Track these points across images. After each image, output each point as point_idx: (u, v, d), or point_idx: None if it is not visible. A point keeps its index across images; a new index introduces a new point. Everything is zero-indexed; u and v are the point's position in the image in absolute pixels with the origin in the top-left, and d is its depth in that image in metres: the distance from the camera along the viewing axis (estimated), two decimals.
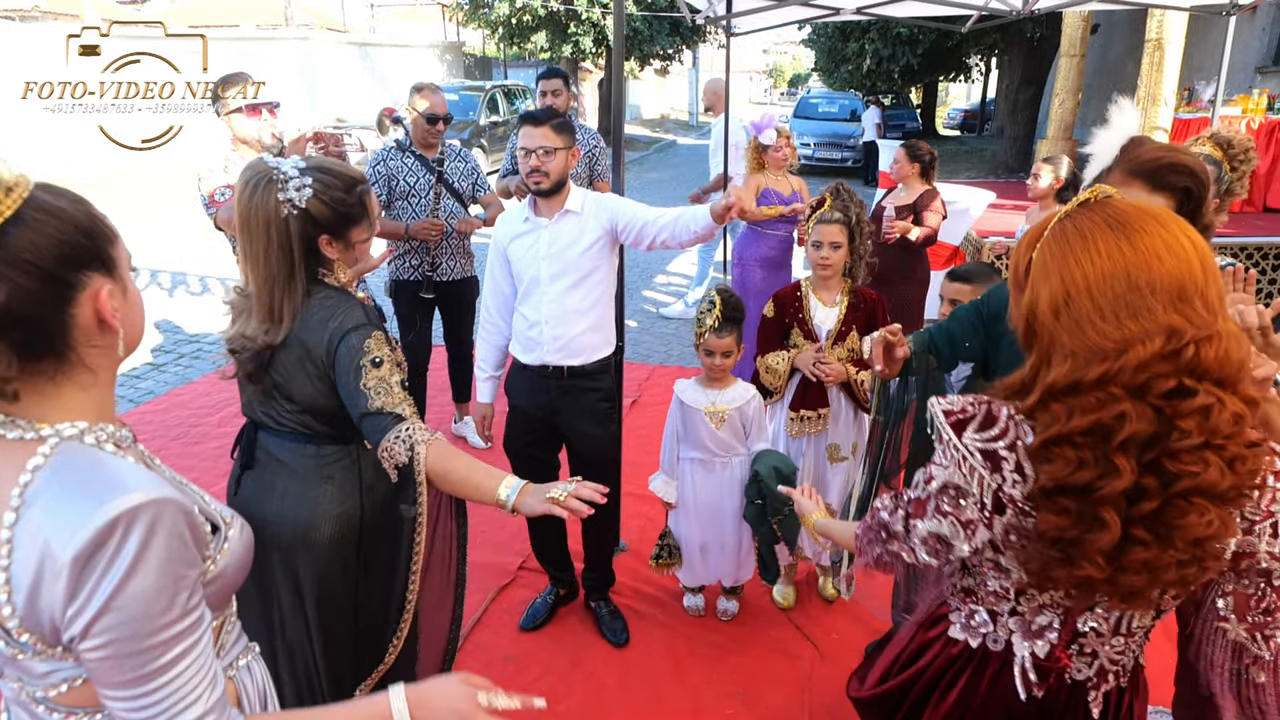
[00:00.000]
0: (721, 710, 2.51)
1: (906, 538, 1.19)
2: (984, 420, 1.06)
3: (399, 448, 1.56)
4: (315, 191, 1.56)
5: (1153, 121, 6.66)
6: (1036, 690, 1.20)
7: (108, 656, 0.81)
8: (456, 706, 1.04)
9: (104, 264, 0.89)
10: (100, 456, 0.88)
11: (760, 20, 5.92)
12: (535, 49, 18.15)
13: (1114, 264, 0.98)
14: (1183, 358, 0.94)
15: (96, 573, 0.79)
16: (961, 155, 17.92)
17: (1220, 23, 5.01)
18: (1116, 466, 0.95)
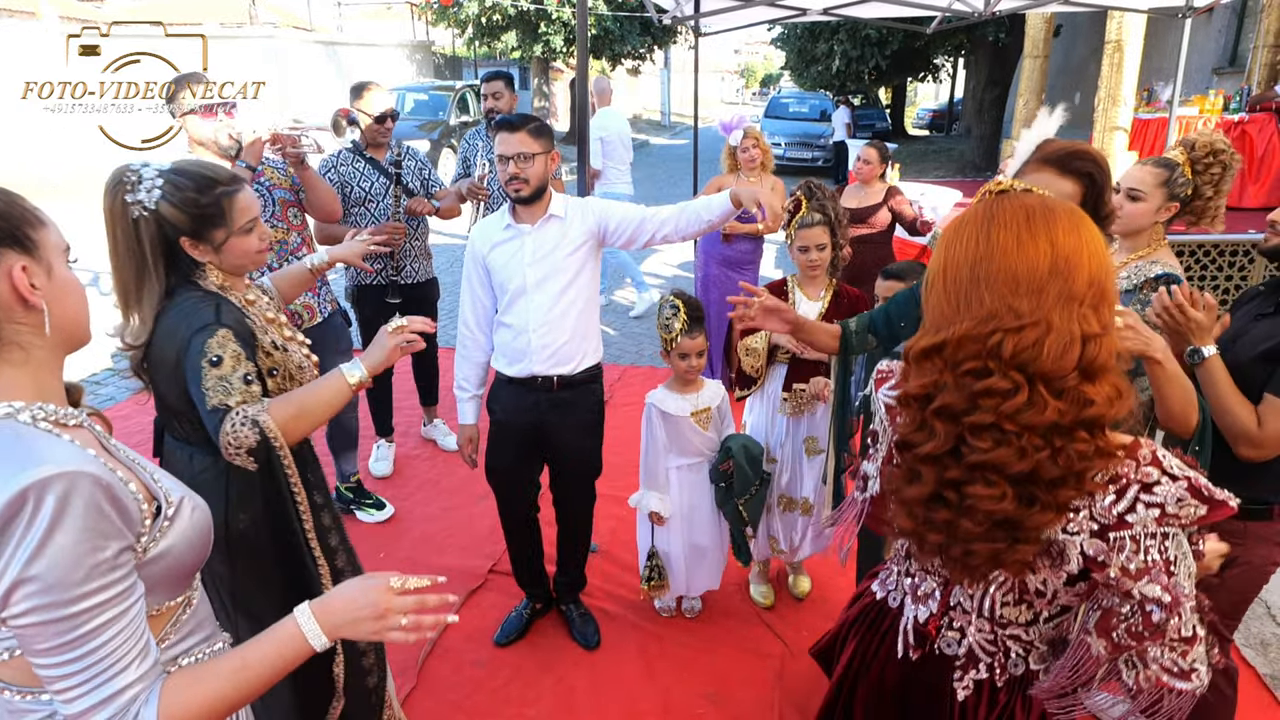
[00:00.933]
0: (692, 711, 2.50)
1: (865, 482, 1.36)
2: (898, 381, 1.21)
3: (243, 432, 1.53)
4: (165, 194, 1.55)
5: (1113, 121, 6.79)
6: (912, 653, 1.31)
7: (30, 624, 0.84)
8: (369, 599, 1.05)
9: (20, 243, 0.93)
10: (23, 431, 0.90)
11: (728, 20, 5.95)
12: (505, 48, 18.05)
13: (967, 254, 1.07)
14: (988, 343, 1.02)
15: (11, 541, 0.82)
16: (930, 155, 18.14)
17: (1177, 25, 5.12)
18: (932, 429, 1.07)
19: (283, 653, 1.01)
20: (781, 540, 2.96)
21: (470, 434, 2.65)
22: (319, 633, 1.02)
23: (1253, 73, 8.64)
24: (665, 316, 2.59)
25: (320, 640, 1.02)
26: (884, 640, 1.37)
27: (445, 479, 3.94)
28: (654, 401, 2.69)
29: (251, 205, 1.70)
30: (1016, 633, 1.22)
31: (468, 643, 2.79)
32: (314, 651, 1.02)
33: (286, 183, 3.05)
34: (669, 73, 32.85)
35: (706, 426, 2.69)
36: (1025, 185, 1.10)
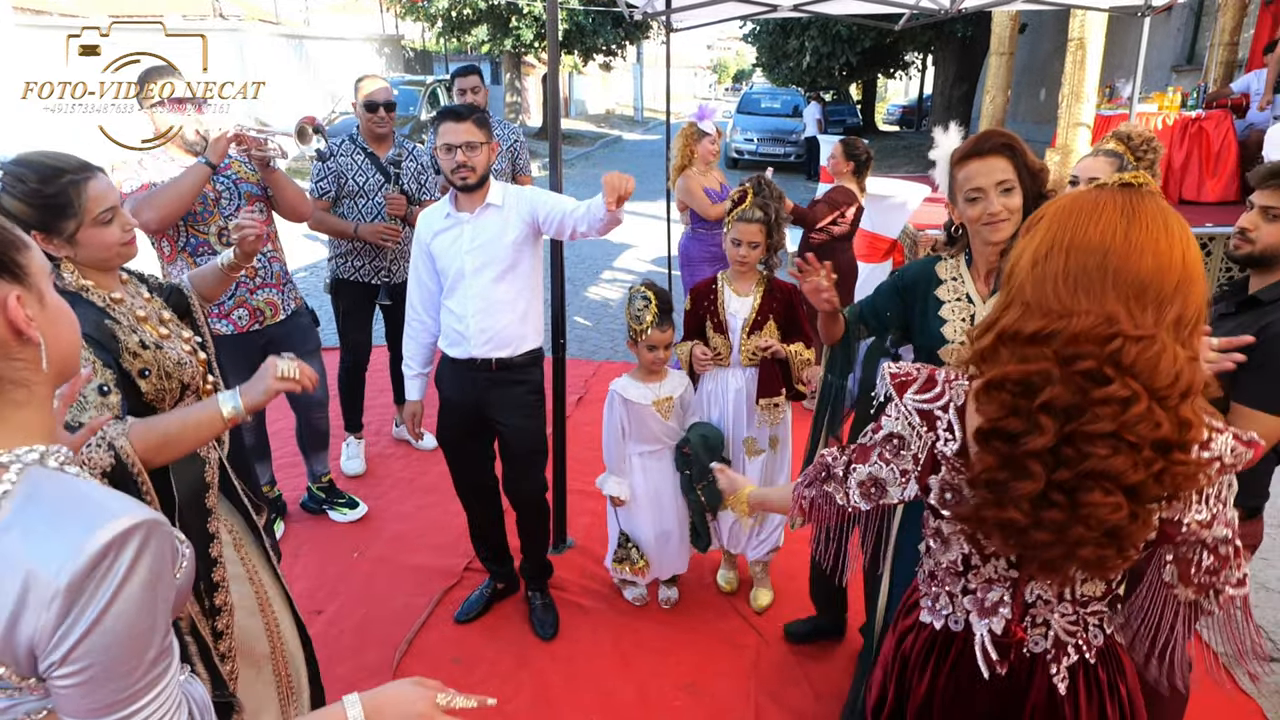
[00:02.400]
0: (669, 703, 2.53)
1: (844, 480, 1.28)
2: (924, 383, 1.18)
3: (97, 454, 1.39)
4: (5, 186, 1.46)
5: (1076, 117, 6.92)
6: (999, 667, 1.24)
7: (84, 681, 0.79)
8: (415, 709, 1.03)
9: (10, 271, 0.85)
10: (70, 481, 0.85)
11: (700, 16, 5.95)
12: (476, 42, 17.91)
13: (1101, 241, 1.02)
14: (1108, 347, 0.99)
15: (85, 596, 0.77)
16: (900, 150, 18.34)
17: (1137, 23, 5.23)
18: (1040, 424, 1.01)
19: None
20: (724, 537, 2.95)
21: (415, 409, 2.76)
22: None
23: (1209, 70, 8.86)
24: (636, 308, 2.63)
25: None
26: (957, 668, 1.29)
27: (419, 477, 3.92)
28: (617, 389, 2.74)
29: (106, 194, 1.59)
30: (1096, 608, 1.24)
31: (443, 641, 2.79)
32: None
33: (254, 177, 3.01)
34: (641, 68, 32.79)
35: (668, 416, 2.74)
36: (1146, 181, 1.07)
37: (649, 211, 10.56)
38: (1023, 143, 1.75)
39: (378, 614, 2.89)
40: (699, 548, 2.86)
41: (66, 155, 1.59)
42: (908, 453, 1.20)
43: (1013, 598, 1.23)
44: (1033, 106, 15.81)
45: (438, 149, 2.45)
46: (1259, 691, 2.54)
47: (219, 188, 2.91)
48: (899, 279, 2.04)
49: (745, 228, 2.65)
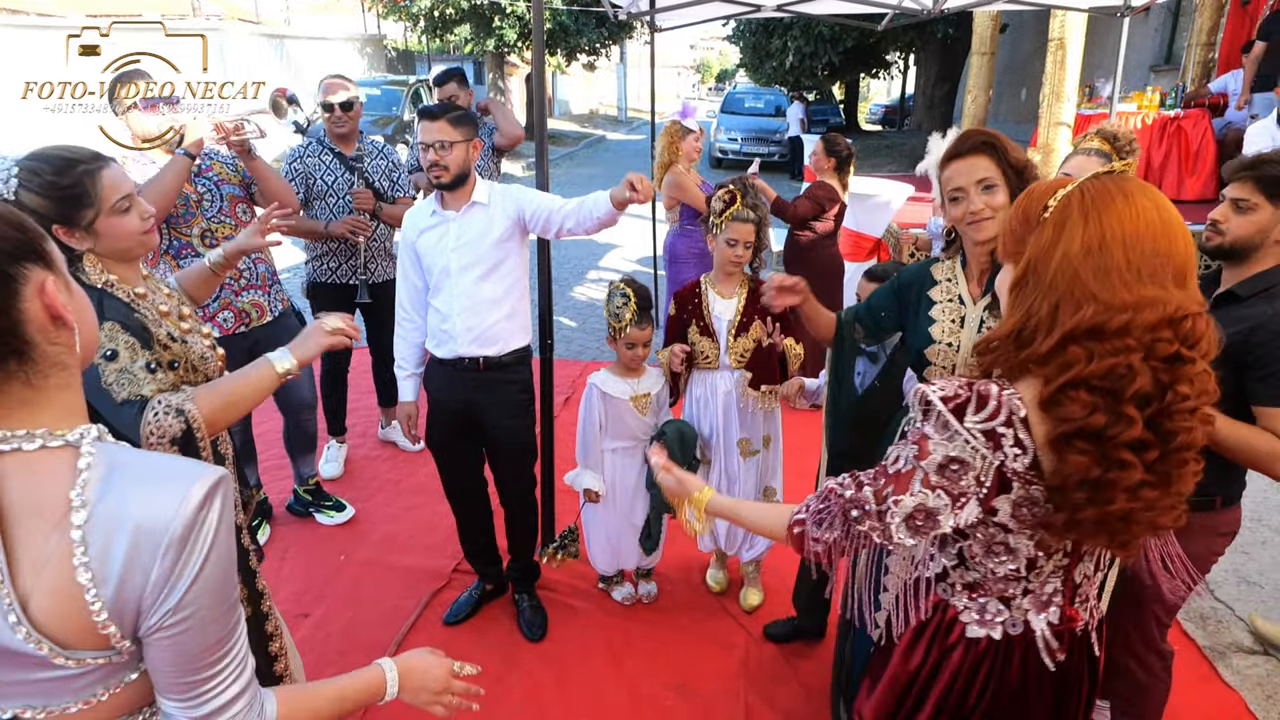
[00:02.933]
0: (660, 703, 2.53)
1: (882, 516, 1.15)
2: (979, 402, 1.10)
3: (166, 420, 1.47)
4: (22, 181, 1.45)
5: (1056, 117, 6.99)
6: (1060, 655, 1.26)
7: (191, 628, 0.85)
8: (436, 674, 1.21)
9: (41, 257, 0.87)
10: (136, 451, 0.92)
11: (684, 16, 5.96)
12: (458, 42, 17.82)
13: (1149, 227, 1.05)
14: (1183, 327, 1.03)
15: (191, 545, 0.83)
16: (883, 150, 18.43)
17: (1117, 23, 5.29)
18: (1127, 416, 1.03)
19: (367, 696, 1.13)
20: (721, 538, 2.94)
21: (409, 410, 2.73)
22: (396, 689, 1.16)
23: (1187, 70, 8.98)
24: (615, 305, 2.64)
25: (393, 693, 1.15)
26: (1025, 669, 1.27)
27: (406, 480, 3.90)
28: (596, 382, 2.75)
29: (122, 182, 1.59)
30: (1107, 569, 1.30)
31: (431, 643, 2.71)
32: (384, 699, 1.15)
33: (236, 178, 2.98)
34: (625, 68, 32.79)
35: (645, 412, 2.76)
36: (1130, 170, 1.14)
37: (634, 210, 10.56)
38: (1005, 140, 1.75)
39: (365, 617, 2.87)
40: (646, 549, 2.86)
41: (77, 146, 1.59)
42: (969, 475, 1.10)
43: (1064, 583, 1.25)
44: (1014, 106, 15.95)
45: (421, 145, 2.45)
46: (1242, 684, 2.57)
47: (200, 189, 2.87)
48: (896, 280, 2.05)
49: (741, 227, 2.63)
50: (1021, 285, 1.13)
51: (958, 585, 1.28)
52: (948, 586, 1.29)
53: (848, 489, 1.21)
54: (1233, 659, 2.69)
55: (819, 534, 1.23)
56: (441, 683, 1.21)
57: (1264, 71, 6.52)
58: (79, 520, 0.80)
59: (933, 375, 1.90)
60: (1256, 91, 6.60)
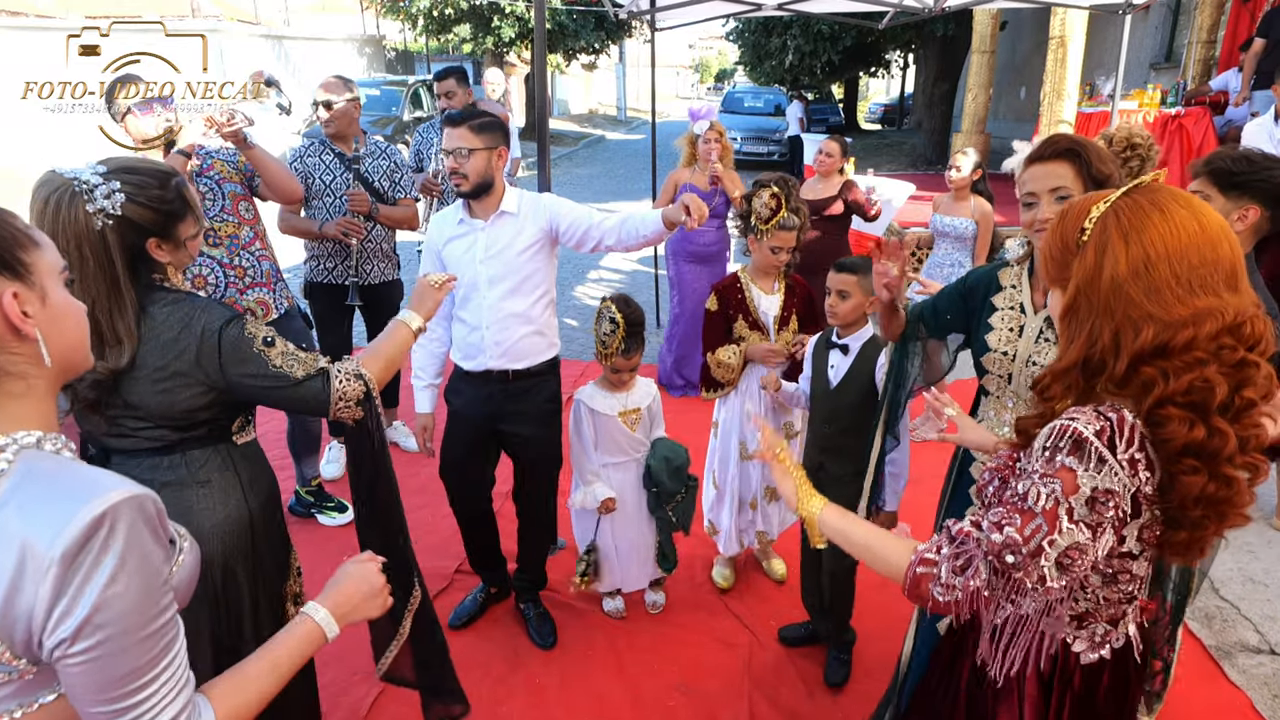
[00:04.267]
0: (663, 703, 2.52)
1: (1035, 556, 1.08)
2: (1119, 430, 1.07)
3: (350, 385, 1.60)
4: (129, 195, 1.45)
5: (1057, 115, 6.98)
6: (1139, 654, 1.29)
7: (99, 658, 0.81)
8: (369, 583, 1.23)
9: (9, 268, 0.86)
10: (65, 461, 0.88)
11: (684, 15, 5.95)
12: (457, 41, 17.81)
13: (1190, 239, 1.05)
14: (1243, 332, 1.04)
15: (83, 569, 0.79)
16: (883, 149, 18.42)
17: (1117, 21, 5.28)
18: (1219, 429, 1.03)
19: (304, 648, 1.11)
20: (773, 530, 3.01)
21: (425, 423, 2.67)
22: (334, 625, 1.15)
23: (1188, 68, 8.96)
24: (604, 330, 2.56)
25: (334, 630, 1.15)
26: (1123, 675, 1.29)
27: (408, 481, 3.85)
28: (582, 399, 2.69)
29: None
30: None
31: None
32: (328, 641, 1.15)
33: (237, 176, 2.97)
34: (624, 68, 32.77)
35: (634, 427, 2.69)
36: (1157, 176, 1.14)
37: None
38: (1092, 149, 1.66)
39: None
40: (664, 569, 2.83)
41: (152, 160, 1.66)
42: (1113, 502, 1.07)
43: (1146, 586, 1.26)
44: (1013, 104, 15.94)
45: (443, 153, 2.40)
46: (1248, 683, 2.56)
47: (202, 189, 2.86)
48: (963, 282, 2.02)
49: (786, 235, 2.70)
50: (1074, 312, 1.12)
51: (1064, 618, 1.24)
52: (1050, 622, 1.25)
53: (992, 533, 1.11)
54: (1238, 658, 2.68)
55: (956, 581, 1.13)
56: (374, 584, 1.23)
57: (1264, 68, 6.51)
58: None
59: (989, 384, 1.89)
60: (1257, 89, 6.58)
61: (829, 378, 2.48)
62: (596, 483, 2.71)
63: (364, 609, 1.21)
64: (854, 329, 2.44)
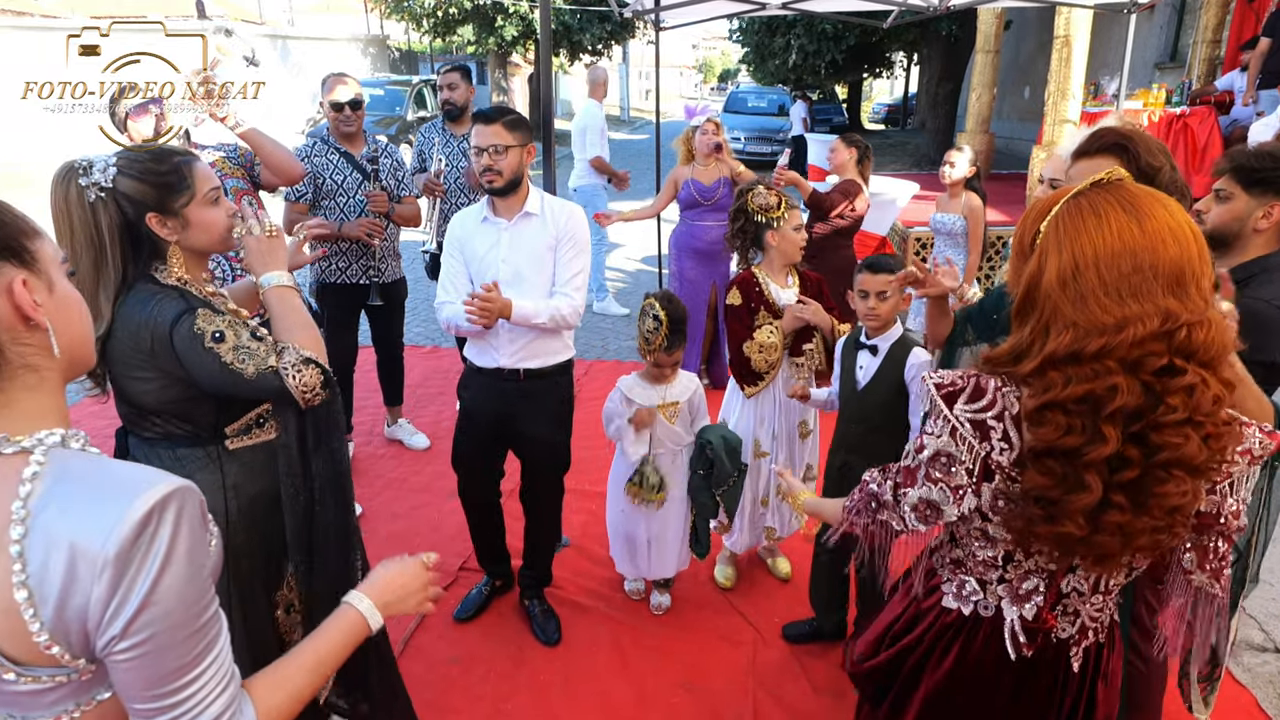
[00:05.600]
0: (667, 701, 2.52)
1: (896, 506, 1.26)
2: (973, 392, 1.13)
3: (305, 374, 1.53)
4: (121, 169, 1.50)
5: (1062, 114, 6.97)
6: (1025, 650, 1.29)
7: (147, 653, 0.81)
8: (413, 577, 1.21)
9: (17, 255, 0.84)
10: (95, 458, 0.87)
11: (688, 14, 5.96)
12: (461, 42, 17.82)
13: (1123, 243, 1.03)
14: (1175, 339, 1.01)
15: (134, 566, 0.78)
16: (886, 149, 18.40)
17: (1122, 20, 5.27)
18: (1103, 435, 1.02)
19: (348, 640, 1.10)
20: (781, 527, 3.04)
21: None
22: (377, 615, 1.13)
23: (1193, 67, 8.94)
24: (647, 329, 2.60)
25: (378, 621, 1.13)
26: (985, 650, 1.31)
27: (412, 478, 3.90)
28: (624, 388, 2.72)
29: (210, 175, 1.64)
30: (1115, 594, 1.29)
31: (440, 640, 2.77)
32: (371, 632, 1.12)
33: (239, 170, 2.98)
34: (628, 68, 32.79)
35: (673, 420, 2.72)
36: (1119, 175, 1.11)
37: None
38: (1140, 140, 1.63)
39: None
40: (698, 553, 2.84)
41: (169, 145, 1.68)
42: (959, 468, 1.15)
43: (1048, 587, 1.26)
44: (1017, 104, 15.90)
45: (474, 150, 2.38)
46: (1253, 681, 2.56)
47: None
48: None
49: (798, 212, 2.84)
50: (1020, 315, 1.15)
51: (946, 559, 1.36)
52: (940, 558, 1.38)
53: (874, 482, 1.32)
54: (1243, 656, 2.68)
55: (856, 520, 1.36)
56: (420, 580, 1.22)
57: (1270, 68, 6.50)
58: (16, 535, 0.77)
59: None
60: (1263, 88, 6.57)
61: (857, 378, 2.49)
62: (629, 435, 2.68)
63: (407, 601, 1.20)
64: (883, 330, 2.45)
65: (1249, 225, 1.83)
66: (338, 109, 3.51)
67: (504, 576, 2.95)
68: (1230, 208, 1.84)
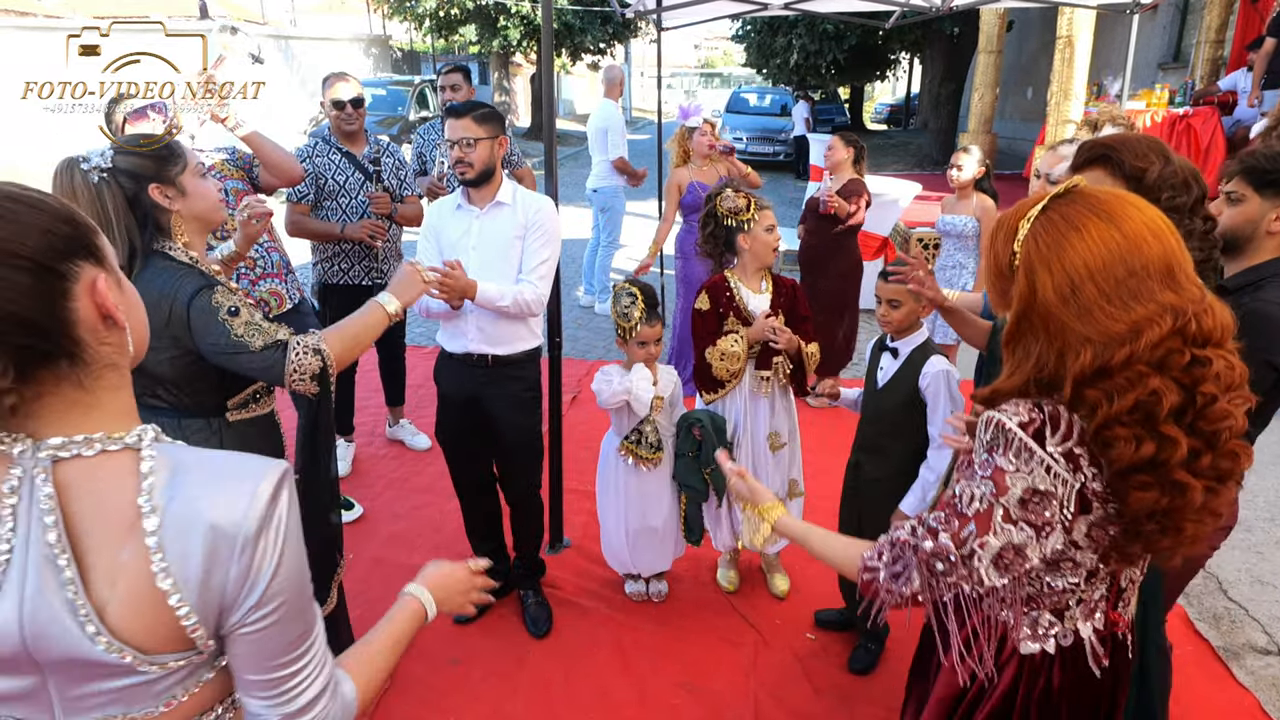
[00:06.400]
0: (668, 701, 2.52)
1: (967, 561, 1.10)
2: (1053, 423, 1.08)
3: (306, 359, 1.65)
4: (116, 149, 1.63)
5: (1065, 115, 6.96)
6: (1104, 660, 1.25)
7: (274, 624, 0.85)
8: (462, 578, 1.29)
9: (92, 253, 0.83)
10: (192, 449, 0.89)
11: (690, 14, 5.95)
12: (464, 42, 17.84)
13: (1110, 250, 1.03)
14: (1188, 332, 1.02)
15: (265, 541, 0.82)
16: (889, 149, 18.38)
17: (1125, 20, 5.26)
18: (1170, 437, 1.01)
19: (413, 625, 1.18)
20: (744, 536, 2.95)
21: None
22: (434, 606, 1.21)
23: (1196, 67, 8.93)
24: (623, 305, 2.63)
25: (434, 611, 1.21)
26: (1073, 678, 1.25)
27: (414, 478, 3.89)
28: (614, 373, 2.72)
29: (198, 154, 1.76)
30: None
31: (440, 641, 2.76)
32: (428, 621, 1.21)
33: (238, 172, 2.98)
34: (630, 68, 32.79)
35: (659, 410, 2.73)
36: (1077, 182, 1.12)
37: (640, 211, 10.55)
38: (1122, 146, 1.62)
39: (373, 615, 2.83)
40: (691, 540, 2.83)
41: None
42: (1053, 504, 1.07)
43: (1110, 588, 1.23)
44: (1020, 104, 15.89)
45: (448, 143, 2.47)
46: (1256, 684, 2.55)
47: None
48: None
49: (769, 213, 2.79)
50: (1018, 338, 1.13)
51: (1007, 601, 1.24)
52: (995, 602, 1.24)
53: (924, 540, 1.14)
54: (1246, 659, 2.67)
55: (895, 587, 1.17)
56: (466, 582, 1.29)
57: (1275, 68, 6.48)
58: (151, 526, 0.79)
59: None
60: (1268, 89, 6.56)
61: (877, 378, 2.51)
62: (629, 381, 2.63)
63: (456, 600, 1.26)
64: (907, 334, 2.44)
65: (1261, 228, 1.81)
66: (339, 107, 3.50)
67: (502, 577, 2.94)
68: (1242, 210, 1.83)
